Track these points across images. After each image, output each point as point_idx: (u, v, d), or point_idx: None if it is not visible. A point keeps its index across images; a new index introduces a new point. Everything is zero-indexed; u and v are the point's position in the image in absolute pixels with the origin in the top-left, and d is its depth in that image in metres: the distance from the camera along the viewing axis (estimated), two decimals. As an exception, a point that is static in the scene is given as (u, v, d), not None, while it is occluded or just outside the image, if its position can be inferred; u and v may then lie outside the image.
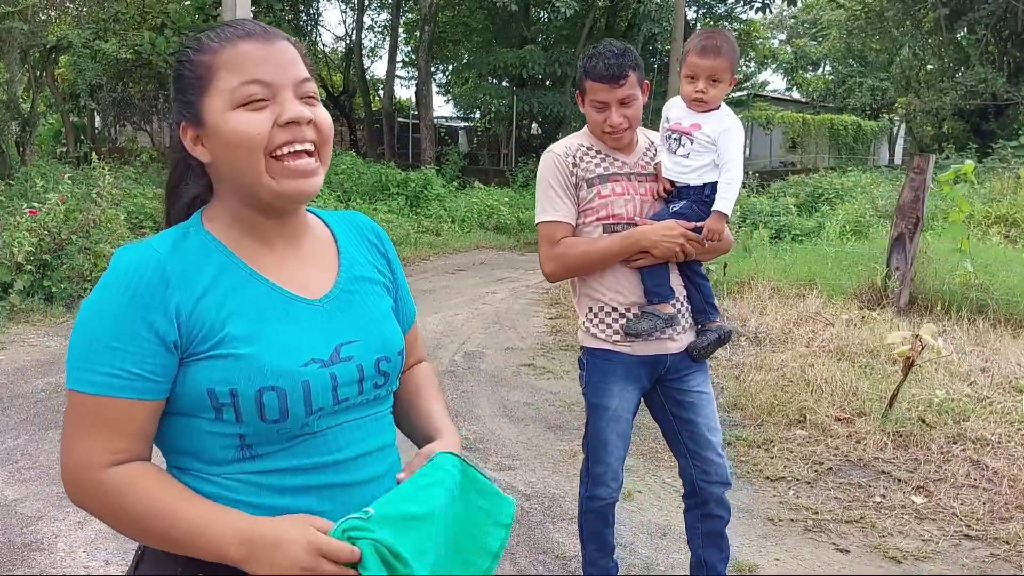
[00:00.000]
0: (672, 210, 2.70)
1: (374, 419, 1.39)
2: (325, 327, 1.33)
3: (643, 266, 2.68)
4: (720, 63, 2.66)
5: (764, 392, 5.53)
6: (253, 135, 1.24)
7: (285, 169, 1.27)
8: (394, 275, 1.55)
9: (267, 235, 1.35)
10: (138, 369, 1.20)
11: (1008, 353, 6.36)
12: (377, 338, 1.39)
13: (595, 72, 2.62)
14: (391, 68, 28.14)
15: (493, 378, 6.28)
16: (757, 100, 36.34)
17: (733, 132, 2.70)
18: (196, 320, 1.23)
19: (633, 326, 2.67)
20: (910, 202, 7.90)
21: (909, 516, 3.94)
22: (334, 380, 1.29)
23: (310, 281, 1.36)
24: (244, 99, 1.25)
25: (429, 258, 13.09)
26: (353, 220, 1.54)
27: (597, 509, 2.90)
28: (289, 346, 1.27)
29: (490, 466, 4.53)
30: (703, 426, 2.83)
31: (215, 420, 1.24)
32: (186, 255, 1.27)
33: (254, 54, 1.27)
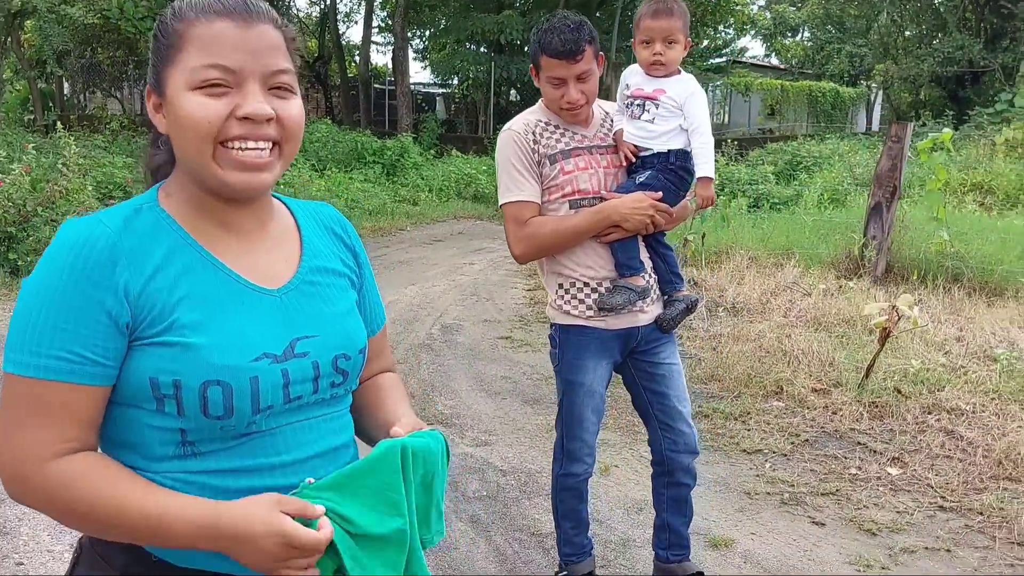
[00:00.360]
0: (638, 181, 2.66)
1: (329, 419, 1.31)
2: (281, 320, 1.25)
3: (614, 240, 2.65)
4: (674, 23, 2.62)
5: (741, 363, 5.53)
6: (202, 123, 1.15)
7: (233, 160, 1.18)
8: (361, 270, 1.47)
9: (226, 218, 1.26)
10: (88, 352, 1.12)
11: (983, 322, 6.40)
12: (337, 334, 1.31)
13: (551, 48, 2.55)
14: (367, 33, 27.79)
15: (470, 351, 6.24)
16: (736, 66, 36.23)
17: (698, 95, 2.68)
18: (146, 302, 1.15)
19: (608, 300, 2.64)
20: (887, 171, 7.89)
21: (884, 488, 3.95)
22: (286, 377, 1.22)
23: (269, 270, 1.28)
24: (202, 82, 1.16)
25: (406, 228, 12.99)
26: (319, 211, 1.45)
27: (572, 486, 2.89)
28: (240, 338, 1.19)
29: (466, 442, 4.51)
30: (673, 398, 2.85)
31: (156, 412, 1.16)
32: (137, 232, 1.18)
33: (227, 35, 1.16)
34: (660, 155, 2.67)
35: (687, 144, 2.68)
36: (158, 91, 1.21)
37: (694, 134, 2.66)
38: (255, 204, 1.29)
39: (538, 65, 2.64)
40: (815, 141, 18.08)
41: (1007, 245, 8.36)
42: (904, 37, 26.52)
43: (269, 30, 1.21)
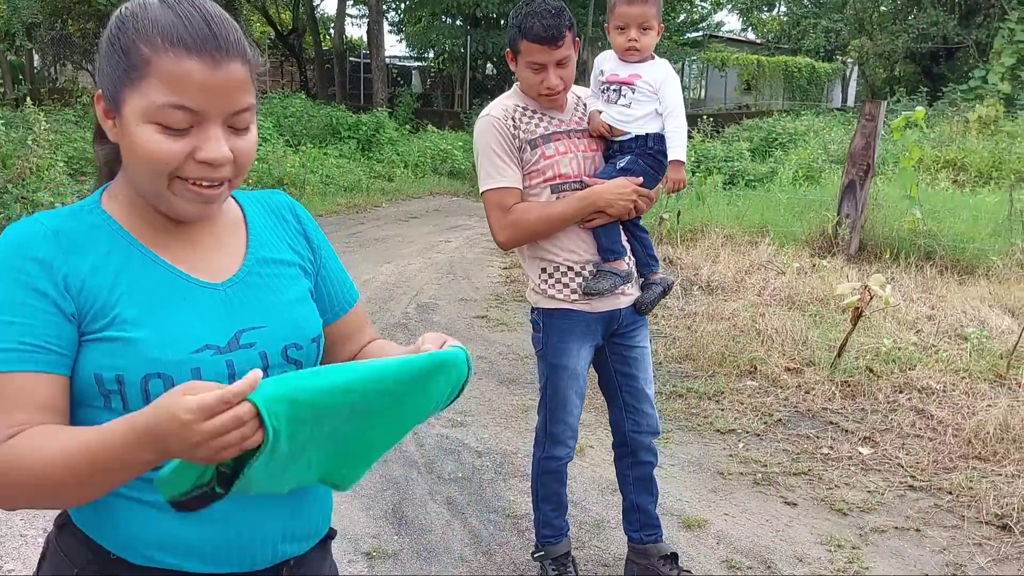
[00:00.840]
0: (619, 167, 2.67)
1: None
2: (225, 312, 1.24)
3: (598, 226, 2.66)
4: (648, 9, 2.63)
5: (716, 342, 5.56)
6: (160, 162, 1.14)
7: (189, 192, 1.17)
8: (316, 255, 1.44)
9: (168, 222, 1.25)
10: (40, 341, 1.11)
11: (954, 300, 6.47)
12: (286, 324, 1.30)
13: (533, 33, 2.52)
14: (341, 6, 27.46)
15: (446, 331, 6.21)
16: (712, 41, 36.18)
17: (672, 80, 2.70)
18: (87, 296, 1.15)
19: (593, 285, 2.66)
20: (861, 149, 7.93)
21: (855, 467, 4.00)
22: (231, 368, 1.21)
23: (214, 265, 1.28)
24: (162, 120, 1.14)
25: (381, 205, 12.92)
26: (269, 199, 1.44)
27: (554, 469, 2.91)
28: (180, 331, 1.18)
29: (442, 423, 4.50)
30: (641, 380, 2.91)
31: (104, 409, 1.16)
32: (77, 231, 1.19)
33: (194, 77, 1.13)
34: (638, 139, 2.68)
35: (662, 128, 2.68)
36: (112, 105, 1.18)
37: (668, 117, 2.67)
38: None
39: (517, 50, 2.62)
40: (791, 117, 18.11)
41: (979, 222, 8.45)
42: (879, 13, 26.56)
43: (238, 67, 1.17)
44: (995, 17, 20.66)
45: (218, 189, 1.20)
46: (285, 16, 31.85)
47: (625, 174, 2.65)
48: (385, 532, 3.41)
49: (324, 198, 12.46)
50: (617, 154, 2.71)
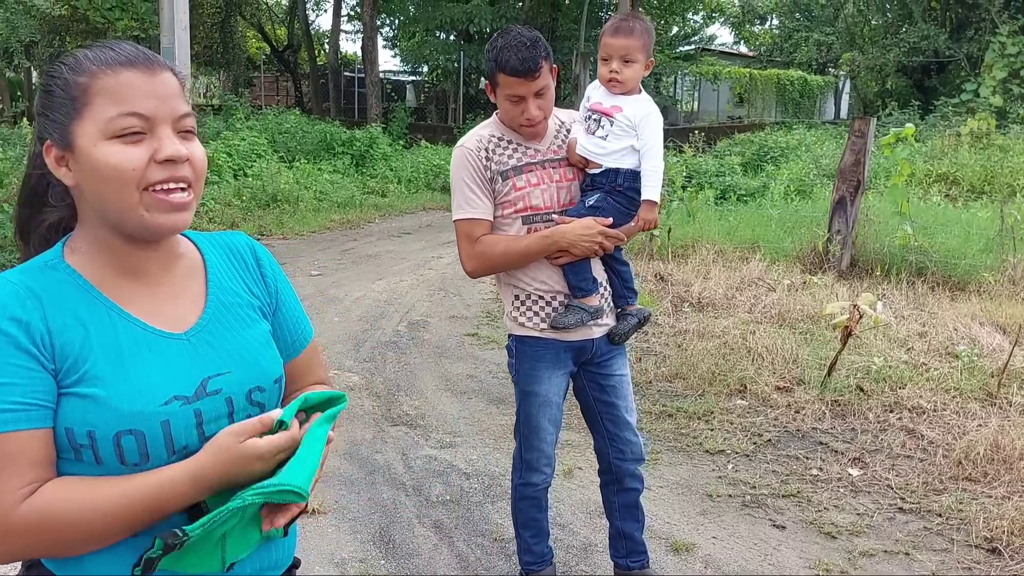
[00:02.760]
0: (588, 204, 2.66)
1: None
2: (190, 361, 1.28)
3: (565, 263, 2.66)
4: (632, 42, 2.62)
5: (706, 361, 5.54)
6: (127, 170, 1.20)
7: (159, 202, 1.23)
8: (273, 296, 1.48)
9: (134, 266, 1.29)
10: (29, 399, 1.15)
11: (946, 317, 6.46)
12: (250, 367, 1.34)
13: (509, 67, 2.52)
14: (336, 22, 27.58)
15: (437, 349, 6.21)
16: (705, 54, 36.32)
17: (654, 118, 2.68)
18: (61, 352, 1.19)
19: (559, 320, 2.65)
20: (851, 165, 7.94)
21: (845, 489, 3.98)
22: (199, 416, 1.25)
23: (177, 313, 1.31)
24: (120, 131, 1.20)
25: (374, 220, 12.91)
26: (228, 241, 1.47)
27: (531, 495, 2.89)
28: (148, 385, 1.22)
29: (431, 444, 4.49)
30: (623, 408, 2.90)
31: (75, 461, 1.20)
32: (45, 288, 1.22)
33: (136, 85, 1.21)
34: (609, 174, 2.67)
35: (636, 165, 2.68)
36: (63, 145, 1.22)
37: (645, 155, 2.66)
38: (164, 247, 1.32)
39: (495, 82, 2.62)
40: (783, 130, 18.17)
41: (970, 238, 8.45)
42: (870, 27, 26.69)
43: (170, 77, 1.26)
44: (986, 31, 20.77)
45: (185, 195, 1.25)
46: (280, 32, 31.98)
47: (594, 212, 2.64)
48: (372, 556, 3.38)
49: (318, 214, 12.46)
50: (588, 189, 2.70)
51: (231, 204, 11.87)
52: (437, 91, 29.59)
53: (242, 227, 10.99)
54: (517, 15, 22.53)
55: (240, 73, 26.38)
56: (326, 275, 8.68)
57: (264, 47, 31.43)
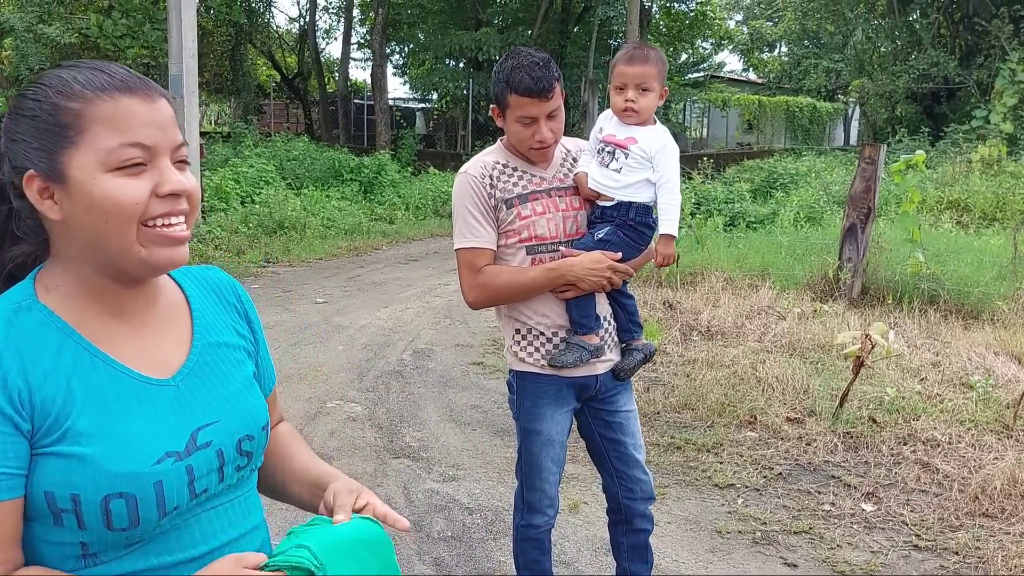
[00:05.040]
0: (597, 238, 2.57)
1: (237, 503, 1.25)
2: (180, 411, 1.18)
3: (570, 298, 2.57)
4: (648, 70, 2.54)
5: (715, 391, 5.44)
6: (130, 204, 1.11)
7: (159, 237, 1.14)
8: (255, 336, 1.40)
9: (116, 305, 1.19)
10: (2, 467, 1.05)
11: (959, 346, 6.35)
12: (239, 415, 1.25)
13: (522, 86, 2.44)
14: (346, 50, 27.77)
15: (441, 378, 6.12)
16: (714, 81, 36.45)
17: (670, 150, 2.59)
18: (41, 409, 1.08)
19: (558, 358, 2.56)
20: (861, 192, 7.86)
21: (858, 525, 3.87)
22: (191, 474, 1.15)
23: (162, 355, 1.21)
24: (122, 162, 1.10)
25: (381, 248, 12.86)
26: (209, 277, 1.38)
27: (533, 537, 2.79)
28: (140, 442, 1.12)
29: (433, 477, 4.39)
30: (630, 445, 2.80)
31: (53, 527, 1.08)
32: (23, 336, 1.10)
33: (137, 112, 1.12)
34: (620, 207, 2.58)
35: (651, 198, 2.59)
36: (53, 176, 1.11)
37: (661, 189, 2.57)
38: (147, 283, 1.22)
39: (505, 104, 2.54)
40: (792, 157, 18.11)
41: (983, 266, 8.34)
42: (879, 53, 26.70)
43: (165, 103, 1.17)
44: (996, 57, 20.73)
45: (184, 228, 1.16)
46: (291, 60, 32.18)
47: (603, 246, 2.55)
48: (369, 597, 3.28)
49: (325, 241, 12.42)
50: (598, 221, 2.61)
51: (237, 231, 11.84)
52: (446, 118, 29.71)
53: (248, 254, 10.96)
54: (526, 43, 22.61)
55: (250, 100, 26.51)
56: (331, 302, 8.62)
57: (275, 75, 31.62)
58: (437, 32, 26.06)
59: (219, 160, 15.58)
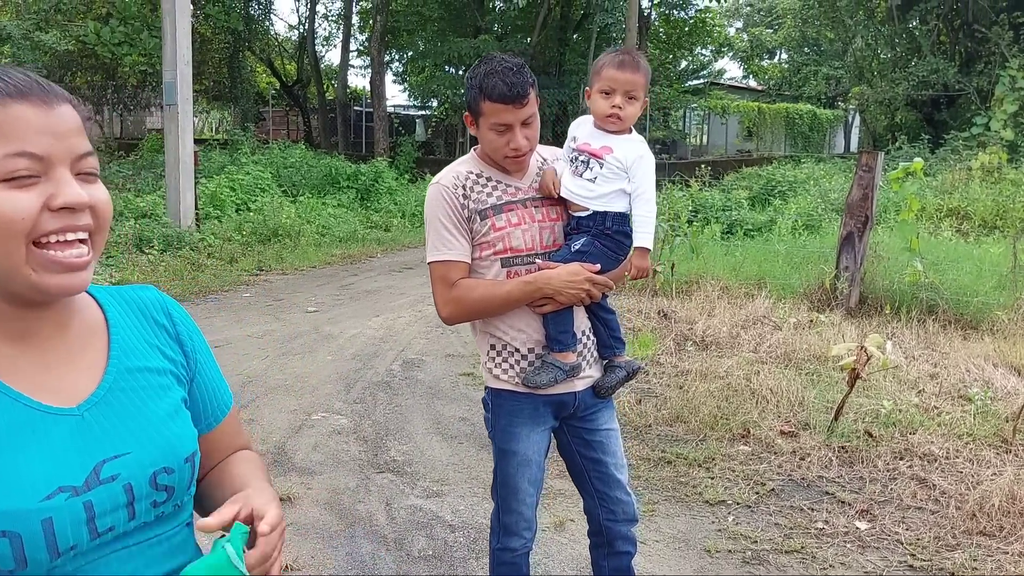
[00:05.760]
0: (574, 249, 2.46)
1: (155, 543, 1.15)
2: (81, 443, 1.08)
3: (547, 312, 2.46)
4: (639, 78, 2.44)
5: (708, 403, 5.33)
6: (15, 220, 1.01)
7: (50, 261, 1.04)
8: (190, 359, 1.28)
9: (18, 330, 1.09)
10: None
11: (957, 357, 6.24)
12: (155, 446, 1.14)
13: (496, 93, 2.33)
14: (345, 57, 27.75)
15: (430, 390, 6.01)
16: (714, 88, 36.41)
17: (647, 160, 2.48)
18: None
19: (531, 378, 2.45)
20: (859, 200, 7.76)
21: (852, 544, 3.75)
22: (90, 510, 1.05)
23: (68, 383, 1.11)
24: (8, 174, 1.01)
25: (376, 255, 12.77)
26: (136, 297, 1.27)
27: (510, 561, 2.68)
28: (29, 476, 1.01)
29: (416, 493, 4.28)
30: (611, 465, 2.67)
31: None
32: None
33: (28, 120, 1.03)
34: (596, 217, 2.47)
35: (627, 207, 2.49)
36: None
37: (637, 200, 2.47)
38: (55, 305, 1.11)
39: (478, 112, 2.42)
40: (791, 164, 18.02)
41: (982, 275, 8.24)
42: (879, 60, 26.65)
43: (69, 110, 1.06)
44: (996, 64, 20.65)
45: (83, 250, 1.06)
46: (290, 67, 32.14)
47: (580, 257, 2.45)
48: (344, 620, 3.17)
49: (319, 249, 12.34)
50: (574, 232, 2.51)
51: (231, 239, 11.76)
52: (445, 125, 29.65)
53: (241, 262, 10.87)
54: (525, 50, 22.54)
55: (249, 108, 26.45)
56: (322, 311, 8.52)
57: (274, 82, 31.59)
58: (436, 39, 26.03)
59: (215, 167, 15.51)
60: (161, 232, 10.84)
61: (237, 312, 8.37)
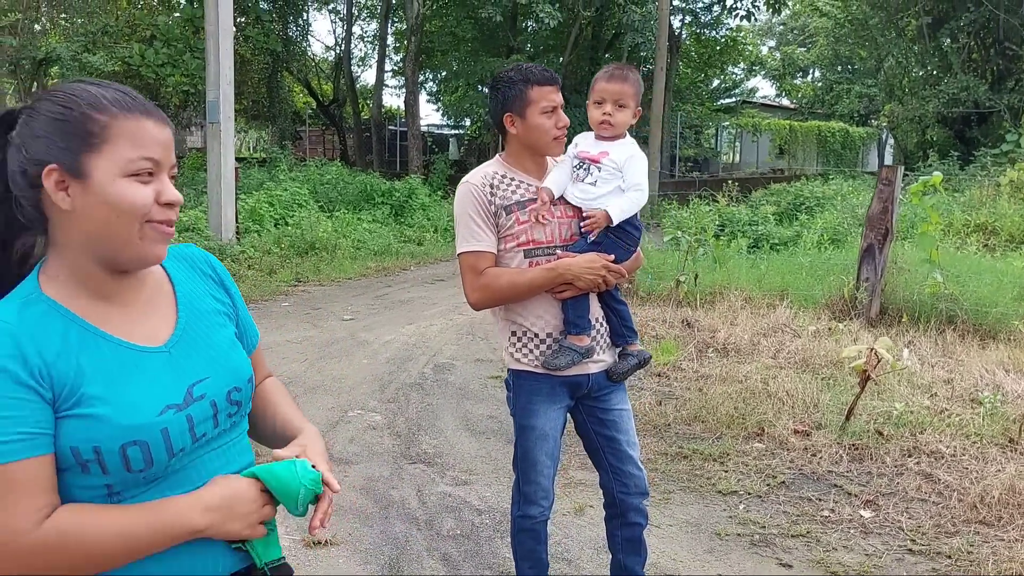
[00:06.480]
0: (590, 241, 2.76)
1: (231, 446, 1.48)
2: (174, 372, 1.40)
3: (568, 297, 2.75)
4: (626, 88, 2.75)
5: (725, 404, 5.56)
6: (139, 206, 1.33)
7: (155, 233, 1.36)
8: (233, 301, 1.62)
9: (108, 290, 1.39)
10: (32, 428, 1.25)
11: (973, 364, 6.41)
12: (226, 370, 1.47)
13: (539, 77, 2.70)
14: (380, 77, 28.25)
15: (460, 391, 6.30)
16: (746, 107, 36.54)
17: (638, 158, 2.79)
18: (58, 381, 1.29)
19: (551, 361, 2.74)
20: (879, 213, 7.95)
21: (855, 530, 3.97)
22: (191, 421, 1.37)
23: (152, 328, 1.43)
24: (136, 171, 1.33)
25: (409, 268, 13.12)
26: (185, 254, 1.59)
27: (529, 528, 2.95)
28: (143, 399, 1.33)
29: (446, 481, 4.56)
30: (623, 442, 2.95)
31: (81, 474, 1.30)
32: (33, 323, 1.31)
33: (154, 133, 1.35)
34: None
35: None
36: (73, 172, 1.31)
37: (628, 191, 2.76)
38: (131, 274, 1.43)
39: (525, 102, 2.72)
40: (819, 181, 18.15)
41: (1003, 287, 8.37)
42: (910, 78, 26.69)
43: (169, 130, 1.40)
44: (1027, 82, 20.66)
45: (172, 229, 1.39)
46: (327, 87, 32.79)
47: (596, 248, 2.74)
48: (379, 587, 3.46)
49: (355, 261, 12.70)
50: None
51: (270, 252, 12.16)
52: (478, 144, 30.09)
53: (280, 274, 11.27)
54: (557, 68, 22.92)
55: (287, 127, 27.07)
56: (358, 319, 8.86)
57: (311, 101, 32.25)
58: (469, 60, 26.49)
59: (254, 184, 15.99)
60: (204, 245, 11.25)
61: (277, 320, 8.73)
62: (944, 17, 23.87)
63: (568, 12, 23.08)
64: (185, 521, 1.32)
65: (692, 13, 29.54)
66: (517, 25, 25.56)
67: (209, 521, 1.34)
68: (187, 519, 1.32)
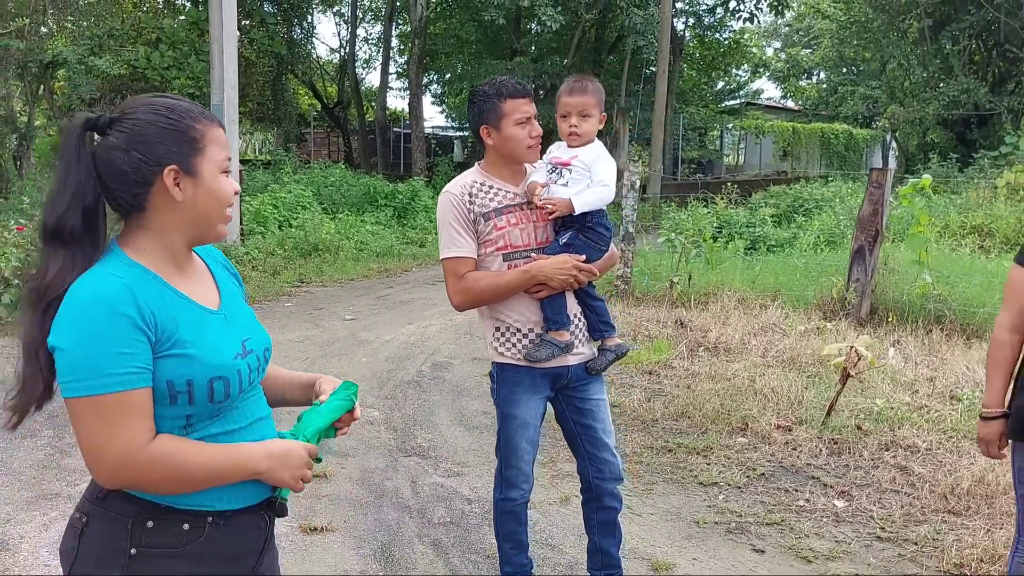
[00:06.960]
0: (561, 243, 2.96)
1: (259, 395, 1.84)
2: (231, 329, 1.75)
3: (544, 296, 2.94)
4: (587, 99, 2.97)
5: (712, 401, 5.74)
6: (231, 194, 1.72)
7: (227, 218, 1.75)
8: (242, 288, 1.95)
9: (182, 263, 1.73)
10: (144, 364, 1.56)
11: (956, 363, 6.58)
12: (260, 333, 1.84)
13: (513, 90, 2.90)
14: (384, 80, 28.46)
15: (456, 388, 6.49)
16: (750, 108, 36.65)
17: (604, 158, 3.00)
18: (160, 328, 1.60)
19: (533, 354, 2.94)
20: (869, 215, 8.12)
21: (828, 519, 4.15)
22: (249, 367, 1.73)
23: (207, 295, 1.77)
24: (224, 167, 1.70)
25: (411, 269, 13.32)
26: (210, 252, 1.91)
27: (510, 510, 3.14)
28: (220, 346, 1.68)
29: (439, 473, 4.75)
30: (600, 430, 3.15)
31: (169, 406, 1.60)
32: (138, 282, 1.61)
33: (225, 139, 1.73)
34: (578, 215, 2.96)
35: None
36: (187, 171, 1.64)
37: (594, 185, 2.95)
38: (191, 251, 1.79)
39: (499, 115, 2.92)
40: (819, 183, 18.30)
41: (992, 287, 8.52)
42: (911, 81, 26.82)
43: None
44: (1027, 84, 20.79)
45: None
46: (331, 89, 33.02)
47: (568, 249, 2.94)
48: (371, 568, 3.66)
49: (357, 263, 12.90)
50: (561, 228, 3.00)
51: (274, 253, 12.37)
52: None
53: (283, 275, 11.47)
54: (560, 72, 23.07)
55: (291, 129, 27.30)
56: (359, 319, 9.06)
57: (315, 104, 32.48)
58: (473, 62, 26.68)
59: (259, 186, 16.20)
60: (208, 246, 11.45)
61: (280, 319, 8.93)
62: (945, 19, 24.01)
63: (571, 15, 23.26)
64: (252, 463, 1.66)
65: (695, 15, 29.70)
66: (520, 28, 25.74)
67: (268, 467, 1.67)
68: (254, 461, 1.66)
